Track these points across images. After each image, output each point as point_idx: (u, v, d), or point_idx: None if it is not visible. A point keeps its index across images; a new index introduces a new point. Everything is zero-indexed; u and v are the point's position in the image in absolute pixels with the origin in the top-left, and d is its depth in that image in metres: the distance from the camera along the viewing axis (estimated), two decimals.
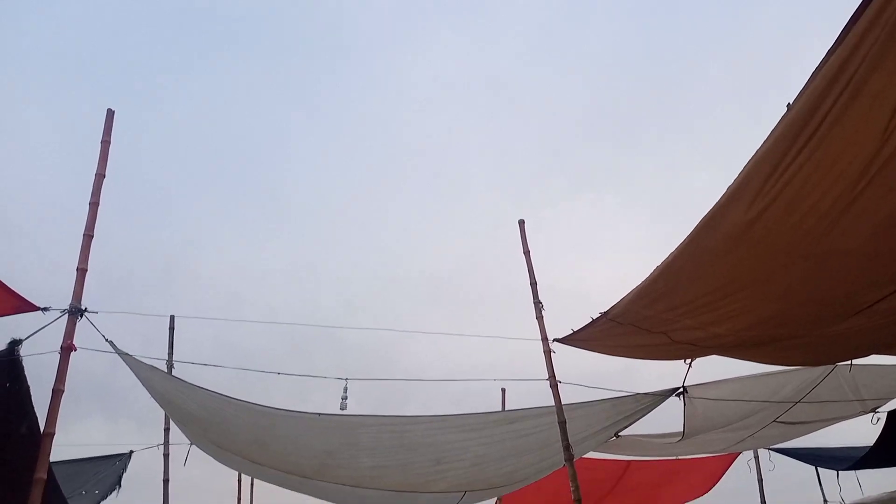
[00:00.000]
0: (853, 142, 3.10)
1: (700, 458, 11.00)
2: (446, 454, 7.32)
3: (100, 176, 5.84)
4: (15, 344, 5.02)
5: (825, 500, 14.20)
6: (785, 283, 4.40)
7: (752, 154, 3.26)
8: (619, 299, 4.90)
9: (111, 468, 8.19)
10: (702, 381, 7.23)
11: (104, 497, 7.73)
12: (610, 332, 5.58)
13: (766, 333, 5.21)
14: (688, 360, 6.57)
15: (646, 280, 4.49)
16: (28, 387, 5.15)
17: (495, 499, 10.97)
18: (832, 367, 6.95)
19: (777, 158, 3.20)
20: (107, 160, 5.91)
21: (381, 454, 7.30)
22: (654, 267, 4.33)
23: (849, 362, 6.69)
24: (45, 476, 5.12)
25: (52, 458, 5.43)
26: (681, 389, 7.15)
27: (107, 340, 5.71)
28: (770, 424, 7.89)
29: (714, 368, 7.08)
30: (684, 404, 7.24)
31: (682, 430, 7.62)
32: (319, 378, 6.81)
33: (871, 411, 7.71)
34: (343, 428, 6.91)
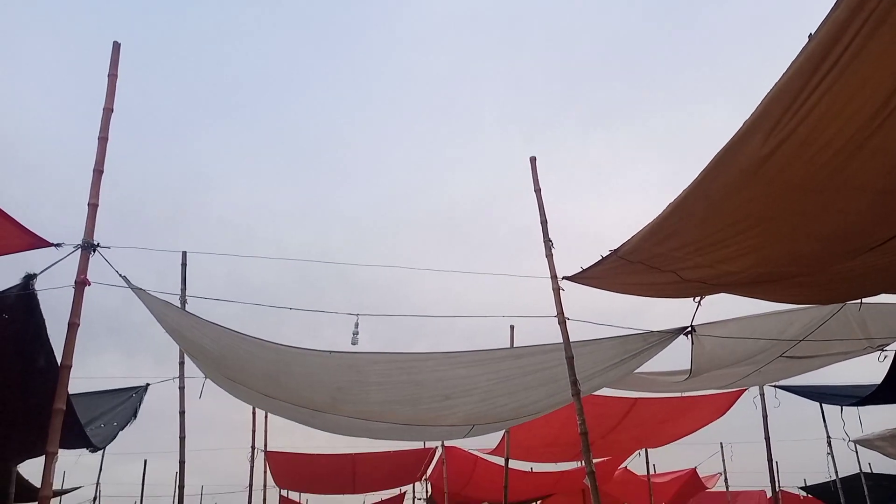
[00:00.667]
0: (873, 75, 3.02)
1: (706, 394, 11.17)
2: (455, 390, 7.45)
3: (108, 110, 5.80)
4: (30, 278, 5.09)
5: (828, 436, 14.54)
6: (798, 219, 4.36)
7: (771, 87, 3.18)
8: (629, 237, 4.89)
9: (128, 400, 8.39)
10: (710, 321, 7.27)
11: (122, 428, 7.94)
12: (619, 271, 5.58)
13: (776, 271, 5.19)
14: (697, 299, 6.59)
15: (657, 217, 4.45)
16: (44, 320, 5.24)
17: (503, 431, 11.23)
18: (841, 305, 6.96)
19: (796, 91, 3.12)
20: (114, 94, 5.86)
21: (390, 389, 7.44)
22: (667, 204, 4.30)
23: (858, 301, 6.70)
24: (63, 407, 5.26)
25: (71, 391, 5.58)
26: (689, 328, 7.18)
27: (120, 276, 5.77)
28: (776, 360, 7.95)
29: (722, 308, 7.12)
30: (692, 343, 7.29)
31: (689, 368, 7.70)
32: (331, 314, 6.88)
33: (878, 349, 7.75)
34: (354, 365, 7.02)
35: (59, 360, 5.31)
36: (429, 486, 17.77)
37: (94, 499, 15.49)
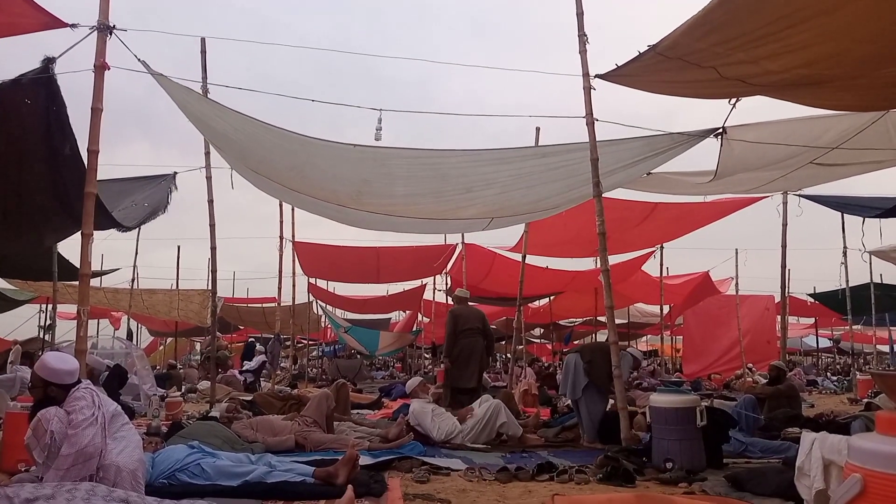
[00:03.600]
0: None
1: (728, 198, 11.18)
2: (476, 184, 7.50)
3: None
4: (48, 62, 4.98)
5: (845, 247, 14.75)
6: (850, 16, 4.05)
7: None
8: (669, 32, 4.61)
9: (159, 187, 8.56)
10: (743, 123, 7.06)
11: (154, 212, 8.17)
12: (656, 67, 5.33)
13: (821, 72, 4.93)
14: (732, 100, 6.36)
15: (703, 9, 4.16)
16: (65, 105, 5.20)
17: (524, 231, 11.47)
18: (883, 113, 6.68)
19: None
20: None
21: (414, 183, 7.49)
22: None
23: None
24: (94, 190, 5.40)
25: (102, 177, 5.69)
26: (720, 129, 6.99)
27: (139, 60, 5.65)
28: (805, 166, 7.81)
29: (756, 114, 6.88)
30: (721, 145, 7.13)
31: (714, 169, 7.61)
32: (353, 109, 6.77)
33: None
34: (378, 158, 7.02)
35: (86, 146, 5.38)
36: (448, 279, 18.58)
37: (132, 280, 16.42)
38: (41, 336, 16.62)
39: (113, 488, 3.05)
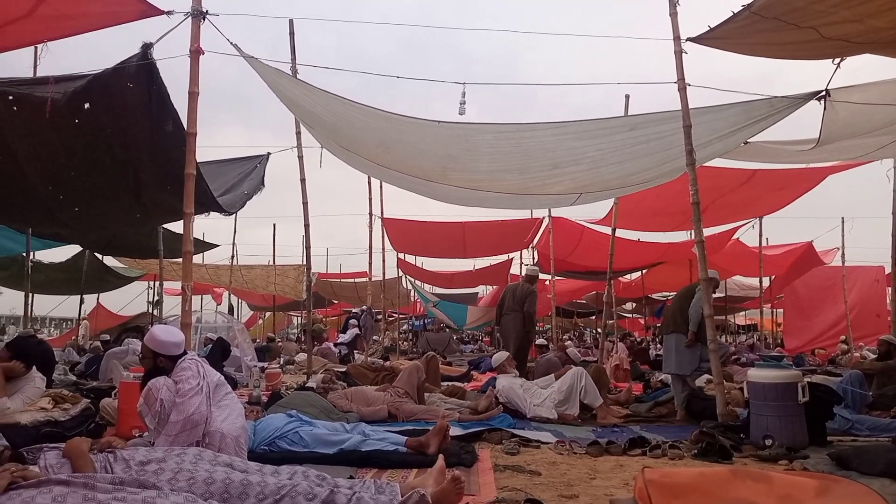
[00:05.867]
0: None
1: (832, 165, 10.57)
2: (563, 160, 7.39)
3: None
4: (147, 47, 5.23)
5: None
6: None
7: None
8: None
9: (254, 169, 8.87)
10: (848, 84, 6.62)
11: (251, 195, 8.49)
12: (751, 29, 5.09)
13: None
14: (835, 61, 5.98)
15: None
16: (165, 87, 5.45)
17: (613, 203, 11.24)
18: None
19: None
20: None
21: (499, 159, 7.46)
22: None
23: None
24: (194, 172, 5.66)
25: (200, 159, 5.96)
26: (823, 92, 6.59)
27: (231, 43, 5.85)
28: None
29: (863, 74, 6.44)
30: (824, 108, 6.72)
31: (817, 136, 7.19)
32: (438, 84, 6.79)
33: None
34: (462, 135, 7.03)
35: (184, 129, 5.65)
36: (535, 253, 18.47)
37: (231, 257, 17.19)
38: (150, 311, 17.69)
39: (218, 454, 3.23)
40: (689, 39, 6.09)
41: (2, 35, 5.27)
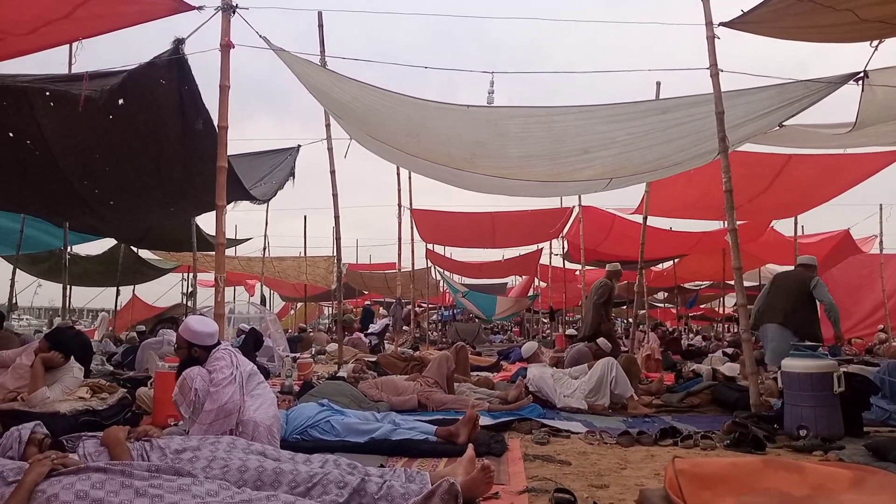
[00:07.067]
0: None
1: (869, 152, 10.30)
2: (593, 144, 7.30)
3: None
4: (179, 43, 5.29)
5: None
6: None
7: None
8: None
9: (284, 161, 8.96)
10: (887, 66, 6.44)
11: (281, 186, 8.57)
12: (785, 12, 5.00)
13: None
14: (873, 43, 5.83)
15: None
16: (196, 83, 5.52)
17: (644, 191, 11.12)
18: None
19: None
20: None
21: (529, 144, 7.41)
22: None
23: None
24: (226, 164, 5.73)
25: (231, 152, 6.03)
26: (861, 74, 6.42)
27: (260, 36, 5.91)
28: None
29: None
30: (862, 91, 6.55)
31: (854, 119, 7.02)
32: (467, 74, 6.78)
33: None
34: (491, 119, 7.00)
35: (216, 122, 5.72)
36: (565, 243, 18.35)
37: (264, 248, 17.41)
38: (184, 302, 18.00)
39: (251, 442, 3.28)
40: (721, 24, 5.99)
41: (41, 35, 5.38)
